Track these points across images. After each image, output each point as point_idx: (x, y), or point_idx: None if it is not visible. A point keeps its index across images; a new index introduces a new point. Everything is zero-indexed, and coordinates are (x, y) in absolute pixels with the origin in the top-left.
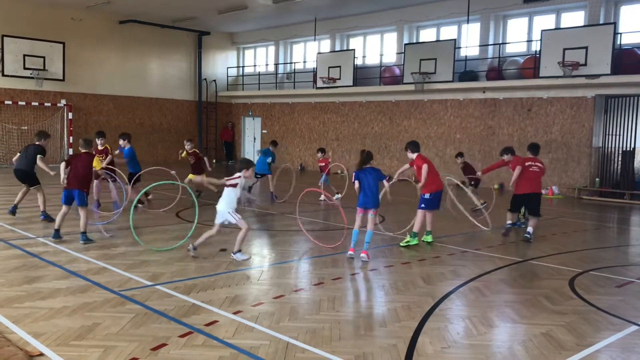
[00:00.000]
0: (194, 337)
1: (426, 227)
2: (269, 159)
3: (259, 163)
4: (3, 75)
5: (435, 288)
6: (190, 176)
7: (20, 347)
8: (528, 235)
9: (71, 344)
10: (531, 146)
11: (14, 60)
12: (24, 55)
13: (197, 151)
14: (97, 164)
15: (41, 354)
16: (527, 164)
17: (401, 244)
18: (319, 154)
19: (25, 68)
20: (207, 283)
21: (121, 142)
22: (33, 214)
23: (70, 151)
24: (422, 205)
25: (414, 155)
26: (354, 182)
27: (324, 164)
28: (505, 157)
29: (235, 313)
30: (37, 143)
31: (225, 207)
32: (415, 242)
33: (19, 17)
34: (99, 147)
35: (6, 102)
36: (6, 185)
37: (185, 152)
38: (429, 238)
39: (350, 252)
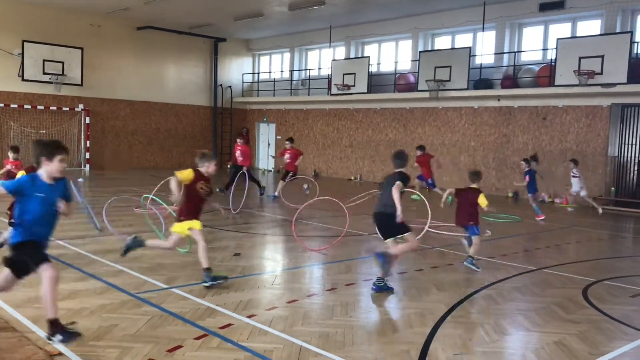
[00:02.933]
0: (209, 339)
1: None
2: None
3: None
4: (23, 80)
5: (448, 295)
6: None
7: (40, 347)
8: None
9: (89, 345)
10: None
11: (33, 65)
12: (44, 61)
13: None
14: None
15: (60, 354)
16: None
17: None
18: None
19: (44, 73)
20: (221, 287)
21: None
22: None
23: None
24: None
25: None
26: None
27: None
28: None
29: (249, 317)
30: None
31: None
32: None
33: (39, 23)
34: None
35: (25, 106)
36: None
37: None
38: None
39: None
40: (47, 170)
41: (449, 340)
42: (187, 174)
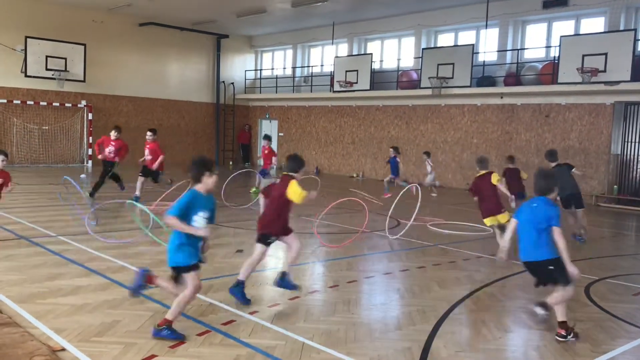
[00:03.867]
0: (212, 336)
1: None
2: None
3: None
4: (25, 76)
5: (451, 292)
6: None
7: (43, 342)
8: None
9: (92, 340)
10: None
11: (36, 61)
12: (46, 57)
13: None
14: None
15: (63, 349)
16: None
17: None
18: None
19: (47, 69)
20: (224, 283)
21: None
22: (55, 211)
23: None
24: None
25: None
26: None
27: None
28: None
29: (251, 313)
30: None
31: None
32: None
33: (42, 19)
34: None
35: (28, 102)
36: (27, 184)
37: None
38: None
39: None
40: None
41: (451, 337)
42: None
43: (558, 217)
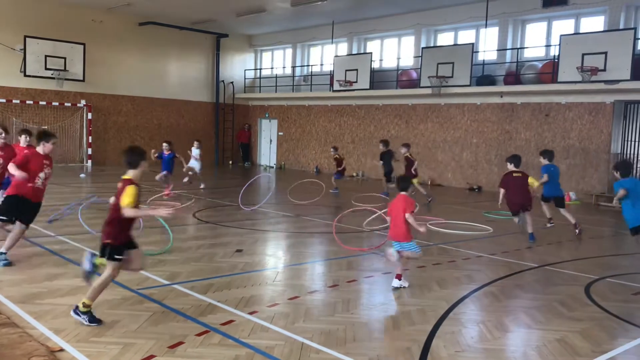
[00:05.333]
0: (211, 336)
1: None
2: None
3: None
4: (25, 75)
5: (450, 292)
6: None
7: (42, 343)
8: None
9: (91, 341)
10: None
11: (35, 61)
12: (46, 56)
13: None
14: None
15: (61, 350)
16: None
17: None
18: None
19: (46, 68)
20: (223, 283)
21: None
22: (54, 211)
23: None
24: None
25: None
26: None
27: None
28: None
29: (251, 313)
30: None
31: None
32: None
33: (41, 18)
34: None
35: (27, 102)
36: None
37: None
38: None
39: None
40: None
41: (451, 337)
42: None
43: None
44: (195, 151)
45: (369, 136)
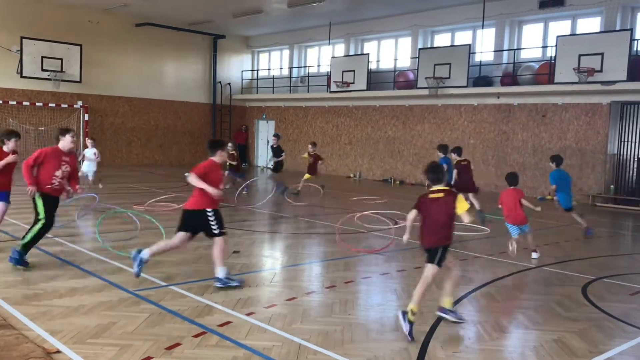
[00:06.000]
0: (208, 337)
1: None
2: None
3: None
4: (21, 76)
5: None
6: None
7: (38, 344)
8: None
9: (87, 342)
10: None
11: (32, 62)
12: (42, 57)
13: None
14: None
15: (58, 351)
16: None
17: None
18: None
19: (43, 70)
20: None
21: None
22: None
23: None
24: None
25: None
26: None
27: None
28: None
29: (248, 314)
30: None
31: None
32: None
33: (37, 19)
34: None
35: (24, 103)
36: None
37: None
38: None
39: None
40: None
41: (448, 338)
42: None
43: None
44: (89, 151)
45: (366, 137)
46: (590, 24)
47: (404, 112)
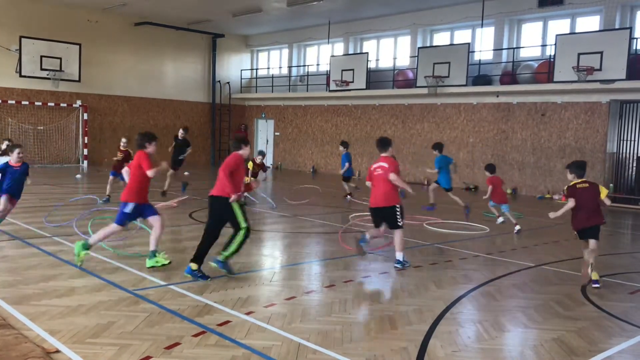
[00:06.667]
0: (207, 336)
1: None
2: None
3: None
4: (20, 76)
5: (447, 292)
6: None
7: (37, 344)
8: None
9: (87, 342)
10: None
11: (31, 61)
12: (41, 57)
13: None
14: None
15: (57, 351)
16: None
17: None
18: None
19: (42, 69)
20: (219, 284)
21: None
22: (49, 212)
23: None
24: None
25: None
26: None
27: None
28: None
29: (247, 314)
30: None
31: None
32: None
33: (36, 19)
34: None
35: (23, 102)
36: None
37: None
38: None
39: None
40: None
41: (448, 337)
42: None
43: None
44: None
45: (365, 136)
46: (590, 23)
47: (403, 111)
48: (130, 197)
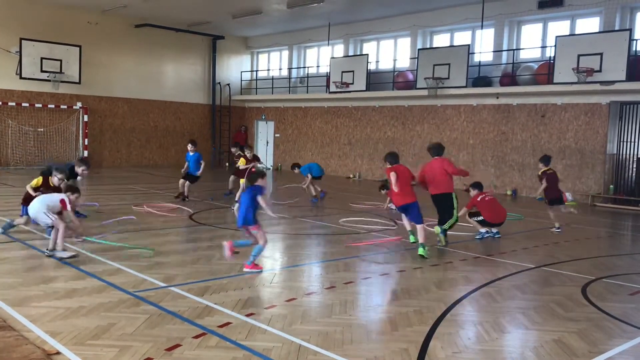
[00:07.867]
0: (208, 338)
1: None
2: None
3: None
4: (21, 77)
5: (447, 293)
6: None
7: (38, 346)
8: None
9: (87, 344)
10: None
11: (31, 63)
12: (41, 58)
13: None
14: None
15: (58, 353)
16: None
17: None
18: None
19: (42, 71)
20: (220, 285)
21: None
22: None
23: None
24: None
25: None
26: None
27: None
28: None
29: (248, 315)
30: None
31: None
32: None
33: (36, 21)
34: None
35: (23, 104)
36: (21, 186)
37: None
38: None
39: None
40: None
41: (448, 338)
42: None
43: None
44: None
45: (365, 138)
46: (589, 24)
47: (403, 113)
48: None
